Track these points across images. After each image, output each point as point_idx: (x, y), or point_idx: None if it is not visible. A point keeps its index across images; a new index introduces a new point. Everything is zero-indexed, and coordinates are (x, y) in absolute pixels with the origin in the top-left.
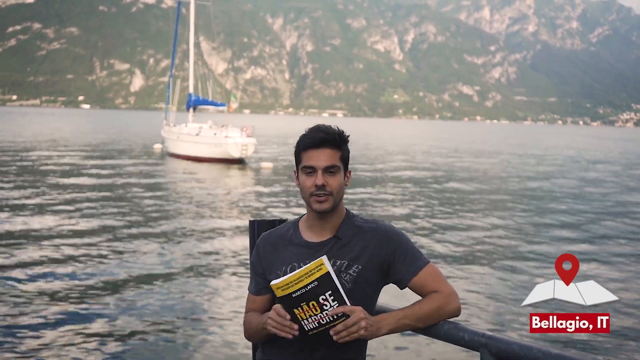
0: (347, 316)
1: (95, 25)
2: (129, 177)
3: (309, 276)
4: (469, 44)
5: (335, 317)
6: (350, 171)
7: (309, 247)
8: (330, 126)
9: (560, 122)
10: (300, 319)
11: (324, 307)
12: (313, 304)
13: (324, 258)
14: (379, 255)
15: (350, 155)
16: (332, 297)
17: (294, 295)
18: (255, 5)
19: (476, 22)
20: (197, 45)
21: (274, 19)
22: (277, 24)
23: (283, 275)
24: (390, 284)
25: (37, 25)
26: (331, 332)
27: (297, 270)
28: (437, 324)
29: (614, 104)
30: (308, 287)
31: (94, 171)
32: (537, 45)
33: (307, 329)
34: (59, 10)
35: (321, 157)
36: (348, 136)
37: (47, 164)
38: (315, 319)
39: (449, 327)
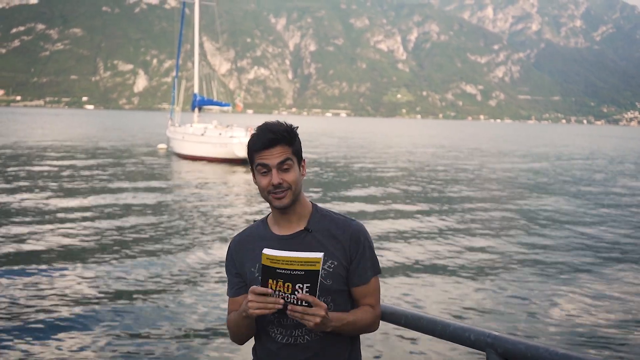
0: (310, 306)
1: (98, 26)
2: (134, 177)
3: (300, 264)
4: (472, 43)
5: (300, 302)
6: (304, 160)
7: (279, 241)
8: (278, 123)
9: (564, 121)
10: (270, 288)
11: (296, 292)
12: (288, 285)
13: (322, 256)
14: (350, 253)
15: (302, 145)
16: (307, 290)
17: (277, 270)
18: (259, 5)
19: (479, 20)
20: (201, 45)
21: (277, 18)
22: (280, 23)
23: (256, 273)
24: None
25: (40, 26)
26: (289, 308)
27: (293, 254)
28: (443, 324)
29: (618, 103)
30: (293, 272)
31: (98, 172)
32: (540, 44)
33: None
34: (62, 11)
35: (273, 155)
36: (296, 128)
37: (52, 165)
38: (281, 295)
39: (455, 328)
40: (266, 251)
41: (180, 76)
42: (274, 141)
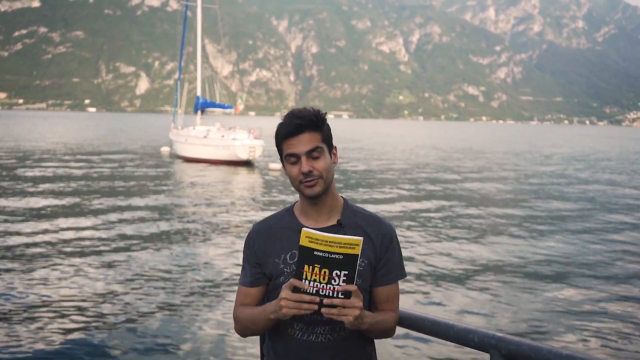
0: (348, 297)
1: (100, 29)
2: (138, 180)
3: (340, 247)
4: (474, 44)
5: (338, 293)
6: (335, 147)
7: None
8: (305, 109)
9: (566, 121)
10: (305, 278)
11: (332, 281)
12: (325, 272)
13: (362, 240)
14: (380, 252)
15: (331, 131)
16: (344, 277)
17: (315, 253)
18: (261, 8)
19: (481, 22)
20: (203, 47)
21: (279, 21)
22: (282, 26)
23: (281, 264)
24: None
25: (43, 29)
26: (324, 302)
27: (334, 235)
28: (446, 326)
29: (620, 103)
30: (332, 255)
31: (102, 175)
32: (542, 45)
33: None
34: (64, 14)
35: (302, 143)
36: (325, 114)
37: (55, 169)
38: (316, 285)
39: (458, 329)
40: (306, 229)
41: (182, 79)
42: (301, 127)
